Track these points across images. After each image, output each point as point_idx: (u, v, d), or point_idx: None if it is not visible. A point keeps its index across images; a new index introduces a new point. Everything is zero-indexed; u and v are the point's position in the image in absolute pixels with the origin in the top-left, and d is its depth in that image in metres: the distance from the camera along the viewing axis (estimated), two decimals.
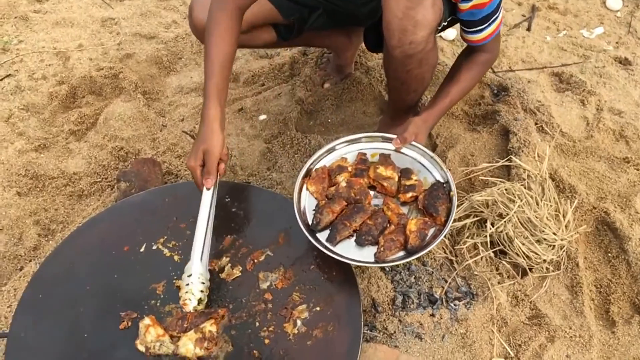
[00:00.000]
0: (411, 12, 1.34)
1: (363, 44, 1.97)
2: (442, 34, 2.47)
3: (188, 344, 1.26)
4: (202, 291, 1.35)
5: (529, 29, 2.54)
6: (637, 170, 1.85)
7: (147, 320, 1.31)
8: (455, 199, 1.46)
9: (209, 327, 1.30)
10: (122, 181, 1.69)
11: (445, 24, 1.56)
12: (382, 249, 1.38)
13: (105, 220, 1.56)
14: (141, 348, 1.27)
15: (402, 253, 1.40)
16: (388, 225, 1.46)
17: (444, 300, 1.53)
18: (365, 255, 1.41)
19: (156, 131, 2.09)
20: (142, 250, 1.48)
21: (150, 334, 1.28)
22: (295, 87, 2.22)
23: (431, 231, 1.42)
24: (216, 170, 1.42)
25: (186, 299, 1.34)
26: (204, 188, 1.42)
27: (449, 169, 1.81)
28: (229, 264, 1.45)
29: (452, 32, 2.47)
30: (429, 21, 1.38)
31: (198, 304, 1.34)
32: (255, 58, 2.41)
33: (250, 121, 2.13)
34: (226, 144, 1.47)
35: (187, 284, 1.34)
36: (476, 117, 2.07)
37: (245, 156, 1.98)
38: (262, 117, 2.15)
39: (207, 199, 1.42)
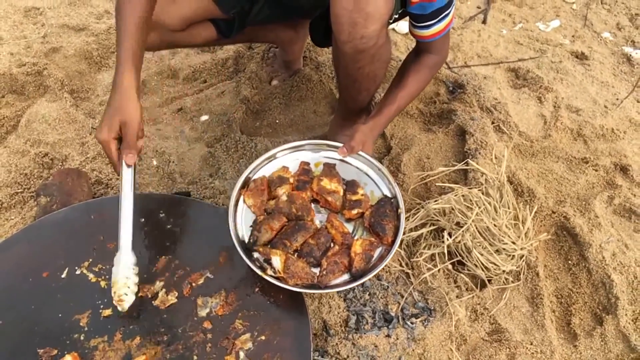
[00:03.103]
0: (362, 4, 1.24)
1: None
2: (395, 27, 2.38)
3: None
4: (136, 284, 1.23)
5: (484, 22, 2.46)
6: (596, 171, 1.79)
7: (68, 358, 1.16)
8: (403, 216, 1.37)
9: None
10: (42, 196, 1.50)
11: (397, 16, 1.46)
12: (324, 272, 1.29)
13: (21, 241, 1.39)
14: None
15: (346, 276, 1.31)
16: (332, 246, 1.36)
17: (400, 318, 1.44)
18: None
19: (85, 134, 1.90)
20: (63, 275, 1.34)
21: None
22: (240, 85, 2.08)
23: (377, 252, 1.34)
24: (136, 144, 1.25)
25: (122, 295, 1.21)
26: (124, 165, 1.24)
27: (404, 173, 1.72)
28: (163, 289, 1.32)
29: (405, 25, 2.37)
30: (380, 13, 1.28)
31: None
32: (196, 52, 2.25)
33: (190, 122, 1.98)
34: (144, 119, 1.32)
35: (123, 277, 1.22)
36: (431, 116, 1.98)
37: (185, 161, 1.83)
38: (204, 117, 2.01)
39: (129, 177, 1.24)
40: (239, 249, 1.29)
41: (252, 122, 2.00)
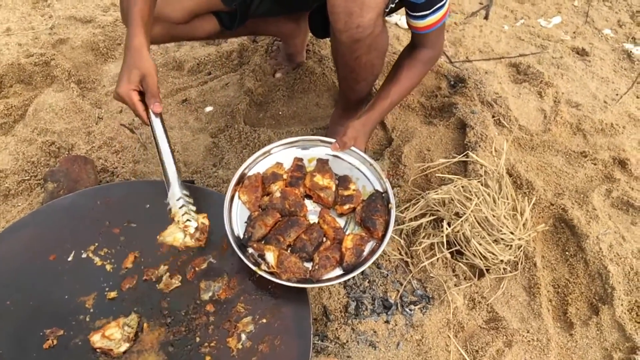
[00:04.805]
0: None
1: None
2: (397, 21, 2.39)
3: (176, 233, 1.28)
4: (193, 210, 1.36)
5: (486, 18, 2.48)
6: (594, 164, 1.81)
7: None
8: (393, 211, 1.38)
9: (202, 219, 1.34)
10: (49, 181, 1.53)
11: (393, 6, 1.47)
12: (316, 266, 1.30)
13: (29, 225, 1.41)
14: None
15: (338, 270, 1.32)
16: (324, 241, 1.38)
17: (399, 305, 1.46)
18: None
19: (91, 124, 1.93)
20: (70, 259, 1.36)
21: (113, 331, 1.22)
22: (244, 77, 2.10)
23: (368, 247, 1.35)
24: (159, 94, 1.31)
25: (187, 221, 1.34)
26: (152, 115, 1.31)
27: (405, 165, 1.74)
28: (167, 273, 1.34)
29: None
30: (376, 2, 1.30)
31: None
32: (201, 45, 2.28)
33: (195, 113, 2.01)
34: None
35: (181, 207, 1.34)
36: (432, 110, 2.00)
37: (189, 151, 1.86)
38: (208, 108, 2.03)
39: (159, 124, 1.33)
40: (234, 244, 1.31)
41: (256, 114, 2.03)
